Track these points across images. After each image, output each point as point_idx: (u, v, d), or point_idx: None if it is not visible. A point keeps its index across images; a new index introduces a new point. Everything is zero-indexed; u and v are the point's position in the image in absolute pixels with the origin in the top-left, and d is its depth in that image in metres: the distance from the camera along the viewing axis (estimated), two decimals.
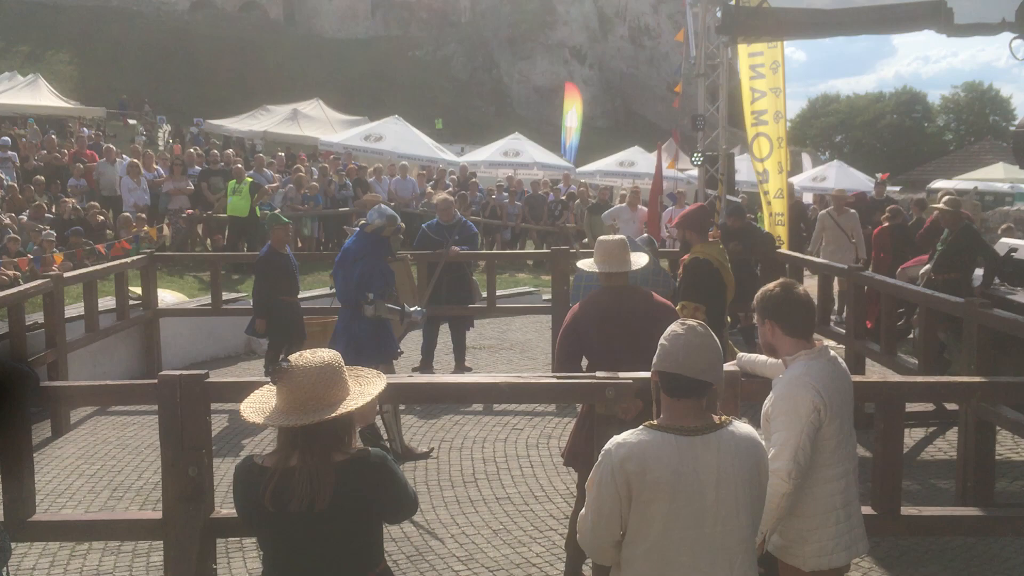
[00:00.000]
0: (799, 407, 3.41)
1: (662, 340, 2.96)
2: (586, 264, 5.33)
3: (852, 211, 12.05)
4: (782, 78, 12.47)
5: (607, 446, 2.90)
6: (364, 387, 2.90)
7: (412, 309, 7.67)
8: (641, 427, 2.89)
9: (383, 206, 7.85)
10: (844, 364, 3.69)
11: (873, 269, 11.04)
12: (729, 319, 8.57)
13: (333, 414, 2.73)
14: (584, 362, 4.99)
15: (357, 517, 2.75)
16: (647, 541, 2.86)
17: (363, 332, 7.37)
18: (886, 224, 11.56)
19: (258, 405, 2.85)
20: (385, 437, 7.16)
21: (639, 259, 5.24)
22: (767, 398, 3.61)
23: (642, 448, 2.82)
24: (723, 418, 2.94)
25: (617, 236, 5.36)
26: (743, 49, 12.36)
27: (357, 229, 8.64)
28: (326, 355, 2.85)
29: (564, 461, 5.37)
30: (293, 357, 2.83)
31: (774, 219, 12.61)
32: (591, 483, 2.93)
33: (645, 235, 8.34)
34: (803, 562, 3.52)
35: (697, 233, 7.00)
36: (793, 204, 13.00)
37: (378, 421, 6.97)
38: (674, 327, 2.97)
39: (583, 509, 2.98)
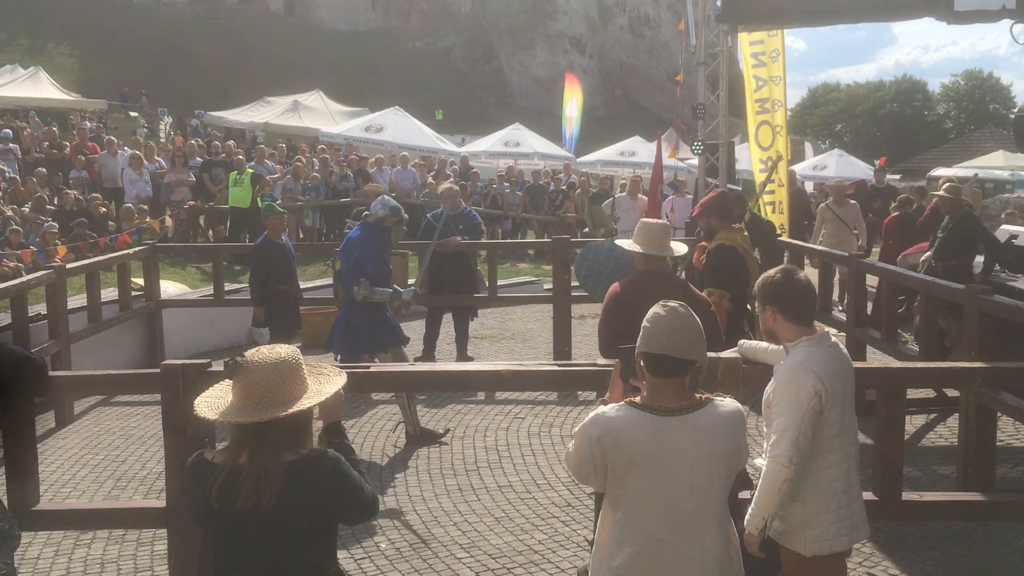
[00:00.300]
0: (800, 392, 3.41)
1: (645, 322, 3.06)
2: (626, 243, 5.25)
3: (852, 202, 11.99)
4: (782, 66, 12.48)
5: (589, 416, 3.02)
6: (323, 385, 2.85)
7: (403, 290, 7.71)
8: (623, 403, 3.00)
9: (387, 197, 7.93)
10: (845, 350, 3.70)
11: (880, 257, 11.05)
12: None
13: (285, 412, 2.67)
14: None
15: (306, 518, 2.69)
16: (622, 509, 3.00)
17: (360, 321, 7.48)
18: (896, 213, 11.58)
19: (213, 400, 2.80)
20: (401, 420, 7.45)
21: (679, 247, 5.24)
22: (768, 384, 3.62)
23: (618, 425, 2.93)
24: (705, 396, 3.04)
25: (660, 220, 5.34)
26: (744, 38, 12.34)
27: (357, 222, 8.77)
28: (283, 351, 2.79)
29: None
30: (249, 352, 2.77)
31: (776, 207, 12.61)
32: (574, 458, 3.07)
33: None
34: (804, 547, 3.53)
35: (720, 219, 6.83)
36: (795, 192, 12.93)
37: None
38: (656, 309, 3.08)
39: (570, 445, 3.11)
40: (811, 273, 10.52)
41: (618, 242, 5.49)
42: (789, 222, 12.22)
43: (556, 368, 4.22)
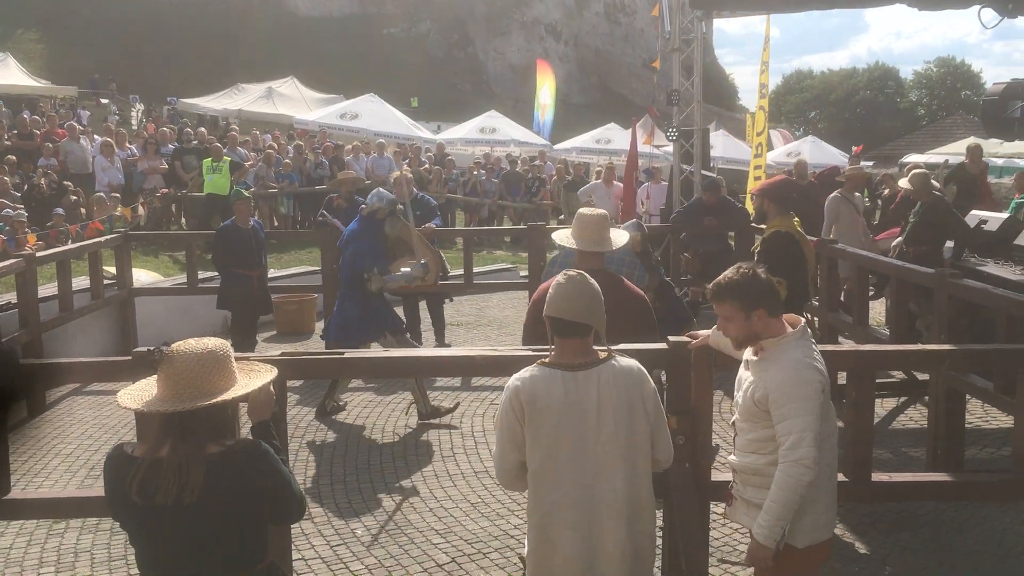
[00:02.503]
0: (809, 390, 3.34)
1: (550, 289, 3.40)
2: (561, 237, 5.01)
3: (857, 193, 11.55)
4: (768, 53, 12.72)
5: (508, 382, 3.38)
6: (251, 379, 2.82)
7: (403, 271, 7.76)
8: (535, 364, 3.35)
9: (382, 190, 8.13)
10: None
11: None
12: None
13: (207, 402, 2.63)
14: None
15: (230, 512, 2.64)
16: (538, 459, 3.31)
17: (352, 312, 7.64)
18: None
19: (138, 392, 2.75)
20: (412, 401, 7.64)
21: (619, 237, 4.99)
22: (754, 382, 3.48)
23: (533, 382, 3.30)
24: (605, 354, 3.36)
25: (598, 210, 5.02)
26: (768, 20, 12.68)
27: (324, 214, 8.95)
28: (210, 343, 2.76)
29: None
30: (176, 344, 2.74)
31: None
32: (498, 417, 3.40)
33: (632, 220, 8.16)
34: (799, 538, 3.46)
35: (776, 205, 6.60)
36: (807, 187, 12.39)
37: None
38: (558, 278, 3.42)
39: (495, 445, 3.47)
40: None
41: (554, 236, 5.24)
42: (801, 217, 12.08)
43: (531, 352, 4.22)
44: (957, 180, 9.63)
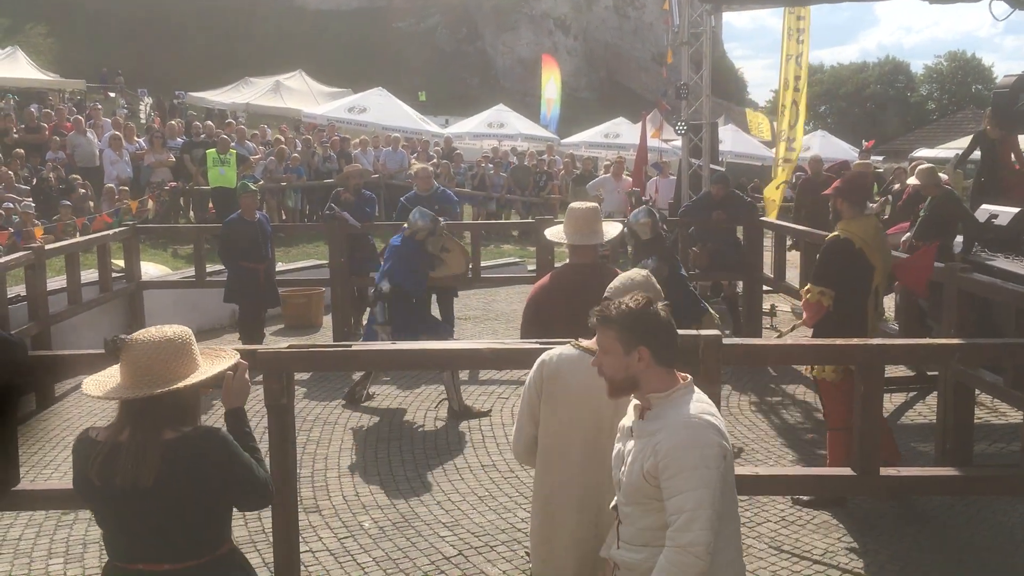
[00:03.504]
0: (707, 456, 2.69)
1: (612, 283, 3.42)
2: (554, 233, 4.92)
3: None
4: (807, 46, 12.71)
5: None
6: (214, 366, 2.85)
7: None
8: (570, 344, 3.36)
9: (424, 209, 8.16)
10: None
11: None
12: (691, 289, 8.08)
13: (164, 389, 2.67)
14: None
15: (187, 496, 2.67)
16: (550, 437, 3.34)
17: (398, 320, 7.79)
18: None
19: (102, 379, 2.81)
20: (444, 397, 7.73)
21: (611, 229, 4.93)
22: (641, 450, 2.82)
23: (560, 358, 3.32)
24: None
25: (589, 203, 4.95)
26: (788, 13, 12.58)
27: (333, 207, 9.04)
28: (170, 330, 2.80)
29: None
30: (137, 332, 2.80)
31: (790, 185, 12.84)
32: (524, 388, 3.44)
33: (643, 207, 8.08)
34: None
35: (850, 205, 5.90)
36: (824, 182, 12.23)
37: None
38: (629, 272, 3.48)
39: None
40: (794, 256, 10.61)
41: (546, 232, 5.14)
42: (809, 213, 12.03)
43: (538, 346, 4.22)
44: (980, 144, 9.53)
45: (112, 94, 35.18)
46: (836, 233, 5.89)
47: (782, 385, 8.42)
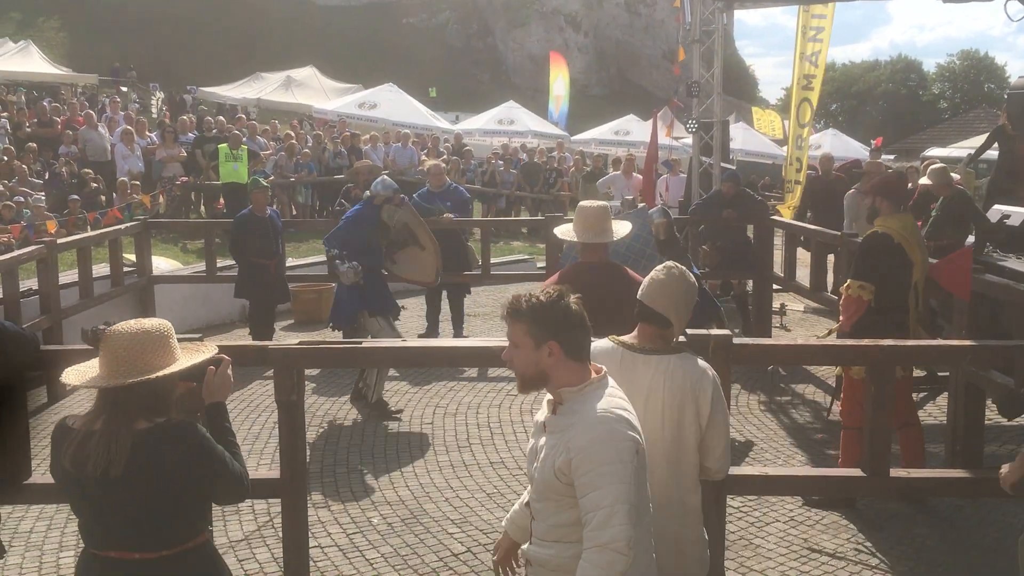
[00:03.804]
0: (621, 451, 2.66)
1: (650, 274, 3.38)
2: (564, 231, 4.92)
3: None
4: (827, 44, 12.64)
5: None
6: (192, 359, 2.88)
7: (345, 266, 7.71)
8: (607, 337, 3.35)
9: (387, 178, 8.14)
10: None
11: None
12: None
13: (138, 379, 2.71)
14: None
15: (156, 487, 2.69)
16: None
17: (340, 289, 7.88)
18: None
19: (83, 369, 2.86)
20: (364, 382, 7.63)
21: (621, 228, 4.92)
22: (553, 446, 2.78)
23: (597, 351, 3.16)
24: (680, 349, 3.30)
25: (598, 202, 4.97)
26: (804, 12, 12.51)
27: (343, 203, 9.01)
28: (148, 322, 2.85)
29: None
30: (116, 324, 2.84)
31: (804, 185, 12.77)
32: None
33: (659, 207, 8.00)
34: None
35: (889, 203, 5.99)
36: (833, 181, 12.00)
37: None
38: (661, 266, 3.39)
39: None
40: (804, 255, 10.57)
41: (556, 230, 5.13)
42: (814, 212, 11.96)
43: None
44: (998, 140, 9.45)
45: (124, 88, 35.27)
46: (875, 228, 5.93)
47: (792, 385, 8.41)
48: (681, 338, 3.49)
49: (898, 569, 5.04)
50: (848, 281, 5.92)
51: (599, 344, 3.28)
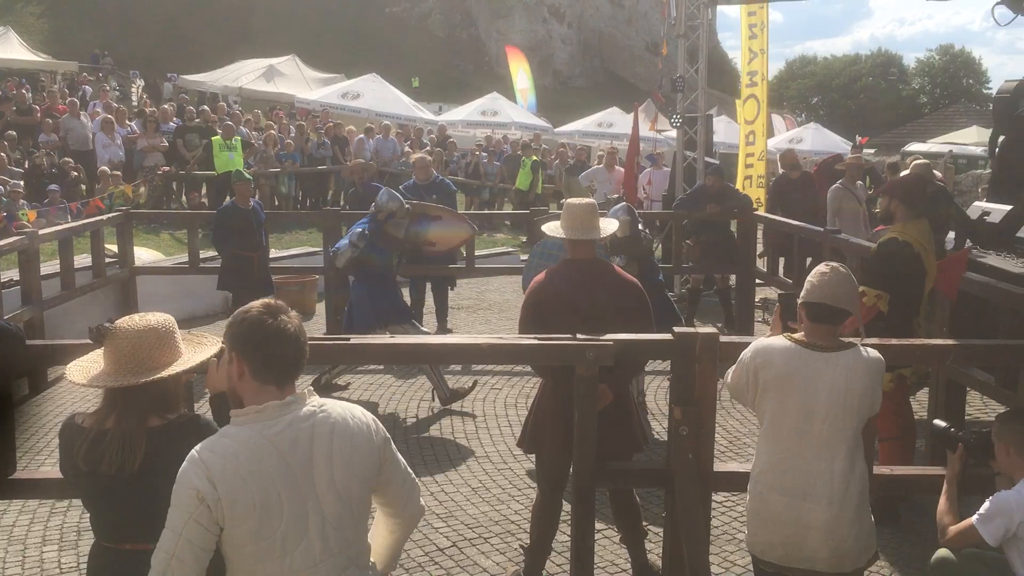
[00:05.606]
0: (180, 494, 2.48)
1: (810, 277, 3.60)
2: (551, 228, 4.87)
3: (859, 183, 11.11)
4: (766, 40, 12.63)
5: (751, 344, 3.69)
6: (197, 353, 2.88)
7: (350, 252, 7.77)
8: (782, 336, 3.64)
9: (392, 192, 8.08)
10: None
11: None
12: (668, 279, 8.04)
13: (149, 378, 2.71)
14: None
15: (172, 481, 2.64)
16: (766, 422, 3.63)
17: (355, 299, 7.79)
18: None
19: (86, 365, 2.85)
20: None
21: (609, 225, 4.95)
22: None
23: (769, 350, 3.59)
24: (851, 342, 3.59)
25: (586, 199, 4.92)
26: (743, 8, 12.53)
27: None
28: (153, 318, 2.84)
29: (525, 449, 5.06)
30: (120, 320, 2.83)
31: (754, 181, 12.75)
32: (736, 362, 3.74)
33: (623, 204, 7.91)
34: None
35: (904, 205, 5.66)
36: (802, 177, 11.91)
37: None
38: (821, 267, 3.60)
39: (730, 369, 3.79)
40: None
41: (543, 228, 5.08)
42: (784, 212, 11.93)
43: (535, 341, 4.23)
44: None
45: (102, 75, 34.94)
46: (894, 235, 5.60)
47: None
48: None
49: (877, 565, 5.09)
50: (863, 288, 5.54)
51: (776, 342, 3.60)
